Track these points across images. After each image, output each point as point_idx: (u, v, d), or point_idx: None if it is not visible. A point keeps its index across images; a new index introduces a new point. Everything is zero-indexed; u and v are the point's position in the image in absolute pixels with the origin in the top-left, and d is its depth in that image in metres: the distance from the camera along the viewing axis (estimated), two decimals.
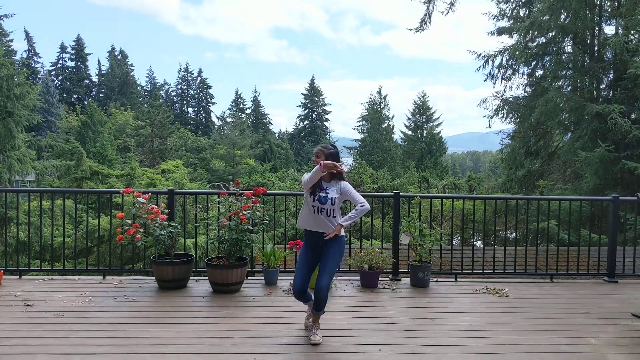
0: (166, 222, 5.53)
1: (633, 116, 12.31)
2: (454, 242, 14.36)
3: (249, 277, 5.97)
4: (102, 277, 5.96)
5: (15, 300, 4.93)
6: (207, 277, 5.54)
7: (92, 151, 35.84)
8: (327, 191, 4.02)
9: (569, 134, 14.56)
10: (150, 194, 5.78)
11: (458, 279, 6.20)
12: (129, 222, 5.53)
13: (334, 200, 3.98)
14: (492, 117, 15.99)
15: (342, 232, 4.09)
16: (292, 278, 6.16)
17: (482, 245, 9.87)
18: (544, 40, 14.42)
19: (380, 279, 5.84)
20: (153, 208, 5.50)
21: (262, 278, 5.89)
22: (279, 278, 5.88)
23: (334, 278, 5.79)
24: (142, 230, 5.48)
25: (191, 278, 5.78)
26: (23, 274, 6.10)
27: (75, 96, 61.19)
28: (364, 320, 4.57)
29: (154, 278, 5.61)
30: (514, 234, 14.73)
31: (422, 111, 52.26)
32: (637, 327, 4.49)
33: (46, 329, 4.17)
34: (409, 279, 5.92)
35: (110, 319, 4.45)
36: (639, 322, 4.63)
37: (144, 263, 6.57)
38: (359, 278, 5.83)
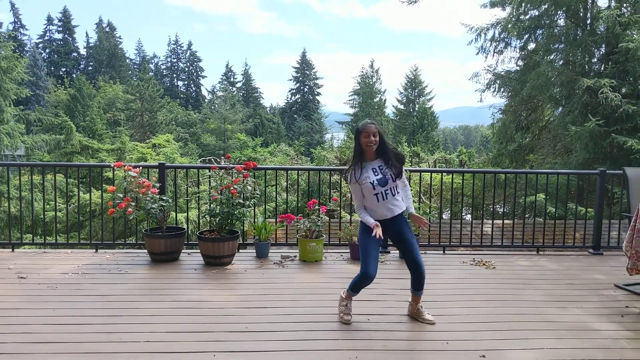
0: (157, 196, 5.55)
1: (623, 90, 12.32)
2: (443, 216, 14.51)
3: (240, 250, 6.04)
4: (94, 251, 6.00)
5: (9, 273, 4.97)
6: (198, 250, 5.60)
7: (82, 125, 35.50)
8: (382, 170, 3.74)
9: (560, 108, 14.59)
10: (141, 168, 5.78)
11: (446, 252, 6.31)
12: (121, 195, 5.55)
13: (393, 177, 3.72)
14: (483, 91, 15.93)
15: (403, 207, 3.87)
16: (284, 251, 6.24)
17: (470, 219, 10.01)
18: (537, 13, 14.30)
19: None
20: (144, 182, 5.51)
21: (254, 251, 5.96)
22: (270, 251, 5.96)
23: (324, 251, 5.88)
24: (133, 204, 5.50)
25: (183, 251, 5.84)
26: (16, 247, 6.12)
27: (63, 69, 60.13)
28: None
29: (146, 251, 5.66)
30: (502, 208, 14.91)
31: (414, 85, 52.06)
32: (619, 297, 4.62)
33: (40, 300, 4.23)
34: (397, 252, 6.01)
35: (104, 291, 4.51)
36: (621, 292, 4.76)
37: (136, 237, 6.61)
38: (348, 251, 5.92)
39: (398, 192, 3.82)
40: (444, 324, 3.90)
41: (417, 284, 3.88)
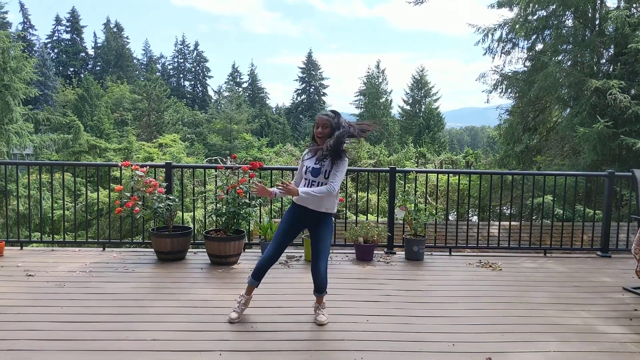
0: (164, 195, 5.57)
1: (633, 92, 12.22)
2: (449, 218, 14.47)
3: (246, 250, 6.04)
4: (101, 249, 6.04)
5: (17, 271, 5.01)
6: (205, 250, 5.62)
7: (89, 125, 35.75)
8: (322, 163, 3.70)
9: (568, 110, 14.50)
10: (148, 167, 5.81)
11: (452, 253, 6.29)
12: (128, 195, 5.58)
13: (327, 174, 3.67)
14: (490, 92, 15.84)
15: (331, 209, 3.78)
16: (289, 252, 6.25)
17: (477, 220, 9.97)
18: (545, 14, 14.22)
19: (375, 252, 5.93)
20: (151, 181, 5.54)
21: (259, 251, 5.97)
22: None
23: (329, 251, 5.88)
24: (140, 203, 5.53)
25: (189, 250, 5.86)
26: (24, 245, 6.17)
27: (71, 69, 60.55)
28: (359, 292, 4.66)
29: (152, 250, 5.69)
30: (509, 210, 14.83)
31: (420, 86, 51.91)
32: (627, 300, 4.59)
33: (48, 298, 4.26)
34: (403, 253, 6.00)
35: (111, 289, 4.54)
36: (629, 295, 4.73)
37: (142, 235, 6.64)
38: (354, 251, 5.91)
39: None
40: (450, 325, 3.89)
41: (317, 288, 3.88)
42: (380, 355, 3.34)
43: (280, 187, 3.66)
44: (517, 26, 14.49)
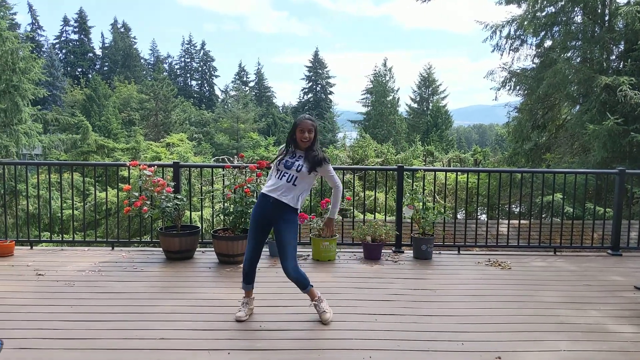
0: (172, 195, 5.59)
1: None
2: (458, 216, 14.40)
3: None
4: (110, 248, 6.07)
5: (27, 270, 5.05)
6: (212, 249, 5.63)
7: (97, 125, 35.96)
8: (297, 159, 3.81)
9: (578, 107, 14.39)
10: (156, 167, 5.82)
11: (461, 252, 6.25)
12: (136, 194, 5.60)
13: (299, 167, 3.75)
14: (499, 89, 15.75)
15: (295, 204, 3.79)
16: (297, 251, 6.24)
17: (486, 219, 9.90)
18: (553, 10, 14.12)
19: (383, 251, 5.91)
20: (159, 181, 5.55)
21: (267, 250, 5.96)
22: None
23: (337, 250, 5.86)
24: (148, 202, 5.55)
25: (197, 249, 5.87)
26: (34, 244, 6.21)
27: (79, 69, 60.88)
28: (367, 291, 4.64)
29: (161, 249, 5.70)
30: (519, 208, 14.72)
31: (427, 83, 51.67)
32: (639, 299, 4.54)
33: (58, 297, 4.28)
34: (411, 252, 5.98)
35: (120, 288, 4.56)
36: None
37: (151, 235, 6.67)
38: (362, 250, 5.90)
39: (295, 186, 3.76)
40: (459, 324, 3.86)
41: (298, 287, 3.89)
42: (389, 354, 3.32)
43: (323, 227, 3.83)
44: (525, 23, 14.39)
